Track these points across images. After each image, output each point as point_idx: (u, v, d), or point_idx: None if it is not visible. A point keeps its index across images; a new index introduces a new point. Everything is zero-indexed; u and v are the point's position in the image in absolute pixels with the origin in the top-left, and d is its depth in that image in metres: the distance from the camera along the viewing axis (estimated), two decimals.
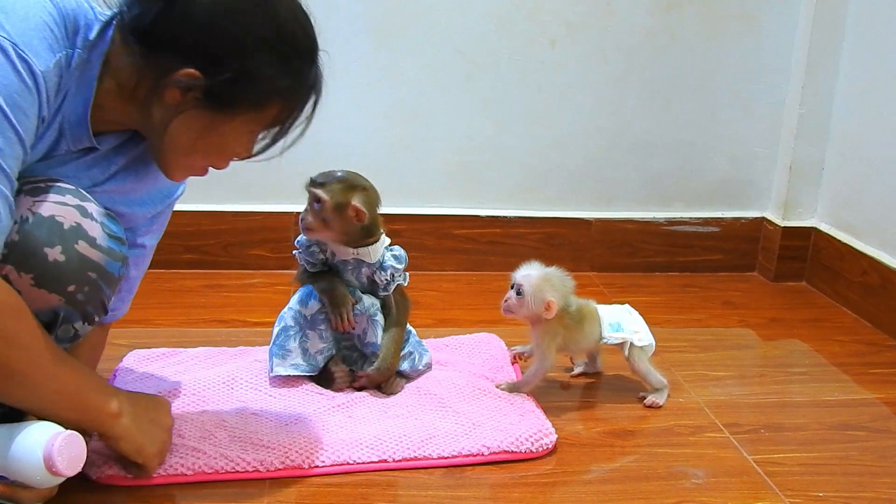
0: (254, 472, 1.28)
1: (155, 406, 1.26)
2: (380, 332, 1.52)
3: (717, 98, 2.26)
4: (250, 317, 1.90)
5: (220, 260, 2.16)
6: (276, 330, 1.54)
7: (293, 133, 1.18)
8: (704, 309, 2.12)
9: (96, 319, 1.19)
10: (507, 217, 2.26)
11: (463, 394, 1.52)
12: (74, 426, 1.09)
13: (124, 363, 1.58)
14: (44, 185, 1.10)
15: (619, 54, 2.19)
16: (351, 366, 1.55)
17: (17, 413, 1.10)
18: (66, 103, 1.10)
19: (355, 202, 1.44)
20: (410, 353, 1.57)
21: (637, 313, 1.60)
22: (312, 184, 1.45)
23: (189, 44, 1.06)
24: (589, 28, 2.17)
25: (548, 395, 1.58)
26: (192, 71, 1.07)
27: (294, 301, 1.52)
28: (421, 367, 1.59)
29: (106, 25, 1.10)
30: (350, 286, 1.52)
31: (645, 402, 1.57)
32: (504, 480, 1.33)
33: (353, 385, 1.52)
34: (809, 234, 2.28)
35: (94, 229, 1.12)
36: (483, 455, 1.35)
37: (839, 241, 2.18)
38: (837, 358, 1.86)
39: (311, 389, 1.51)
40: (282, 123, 1.16)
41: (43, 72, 1.02)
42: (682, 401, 1.62)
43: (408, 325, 1.59)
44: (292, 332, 1.51)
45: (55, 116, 1.10)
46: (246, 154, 1.19)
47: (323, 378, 1.54)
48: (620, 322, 1.56)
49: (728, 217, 2.34)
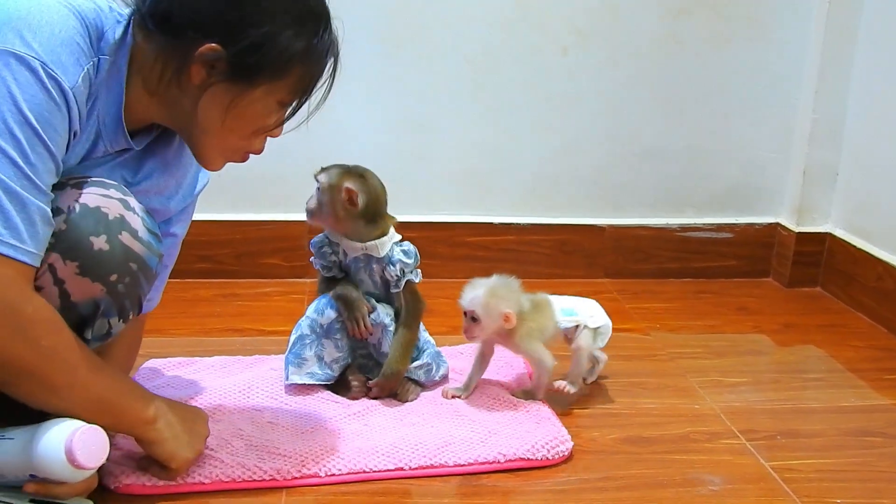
0: (270, 480, 1.28)
1: (193, 417, 1.28)
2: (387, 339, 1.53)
3: (729, 104, 2.26)
4: (265, 325, 1.91)
5: (233, 269, 2.17)
6: (292, 338, 1.55)
7: (316, 99, 1.21)
8: (719, 315, 2.12)
9: (130, 316, 1.21)
10: (519, 224, 2.26)
11: (478, 401, 1.52)
12: (111, 430, 1.12)
13: (140, 373, 1.58)
14: (87, 179, 1.13)
15: (630, 61, 2.19)
16: (367, 374, 1.55)
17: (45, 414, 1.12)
18: (100, 107, 1.13)
19: (347, 184, 1.46)
20: (428, 364, 1.57)
21: (598, 304, 1.62)
22: (318, 170, 1.49)
23: (207, 20, 1.10)
24: (599, 35, 2.17)
25: (563, 402, 1.58)
26: (213, 45, 1.10)
27: (310, 309, 1.53)
28: (437, 378, 1.60)
29: (127, 25, 1.13)
30: (364, 288, 1.52)
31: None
32: (520, 488, 1.33)
33: (368, 395, 1.53)
34: (824, 240, 2.27)
35: (136, 222, 1.16)
36: (499, 462, 1.35)
37: (854, 246, 2.18)
38: (853, 363, 1.85)
39: (327, 398, 1.51)
40: (304, 89, 1.18)
41: (72, 88, 1.04)
42: (697, 407, 1.61)
43: (426, 335, 1.58)
44: (308, 341, 1.51)
45: (89, 121, 1.13)
46: (276, 125, 1.21)
47: (339, 387, 1.54)
48: (574, 308, 1.57)
49: (742, 223, 2.34)
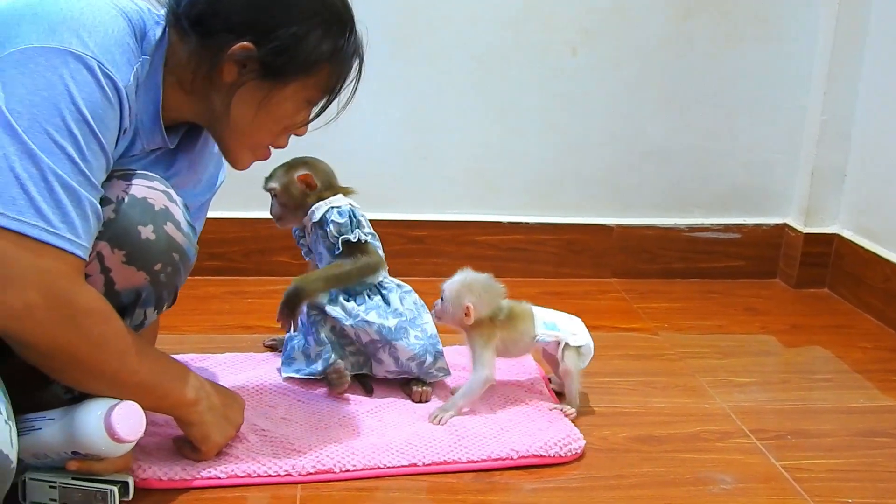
0: (286, 475, 1.29)
1: (231, 402, 1.32)
2: (372, 331, 1.50)
3: (737, 104, 2.26)
4: (274, 323, 1.90)
5: (242, 267, 2.18)
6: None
7: (344, 98, 1.26)
8: (726, 315, 2.13)
9: (164, 307, 1.25)
10: (527, 223, 2.26)
11: (491, 400, 1.53)
12: (153, 411, 1.17)
13: None
14: (132, 171, 1.17)
15: (638, 61, 2.20)
16: (359, 370, 1.55)
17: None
18: (139, 106, 1.15)
19: (298, 174, 1.53)
20: (420, 356, 1.53)
21: (581, 323, 1.57)
22: (264, 183, 1.57)
23: (239, 20, 1.14)
24: (607, 35, 2.18)
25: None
26: (245, 43, 1.14)
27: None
28: (433, 371, 1.55)
29: (165, 25, 1.16)
30: (325, 262, 1.55)
31: (562, 407, 1.52)
32: (532, 485, 1.34)
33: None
34: (832, 241, 2.28)
35: (179, 214, 1.19)
36: (512, 459, 1.36)
37: (862, 247, 2.18)
38: (860, 365, 1.86)
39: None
40: (331, 89, 1.23)
41: (125, 86, 1.08)
42: (707, 407, 1.62)
43: (424, 327, 1.55)
44: (294, 340, 1.57)
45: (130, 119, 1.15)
46: (303, 123, 1.26)
47: (326, 381, 1.54)
48: (556, 322, 1.54)
49: (749, 223, 2.34)
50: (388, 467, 1.32)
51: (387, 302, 1.54)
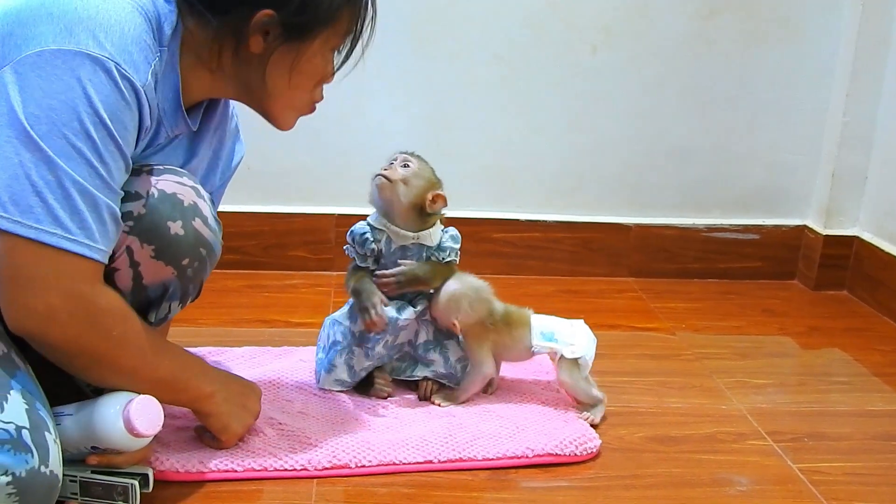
0: (302, 470, 1.30)
1: (248, 392, 1.34)
2: (431, 330, 1.53)
3: (758, 105, 2.25)
4: (292, 317, 1.93)
5: (260, 260, 2.19)
6: (322, 336, 1.56)
7: (366, 34, 1.24)
8: (744, 316, 2.12)
9: (188, 301, 1.27)
10: (545, 221, 2.26)
11: (507, 398, 1.54)
12: (172, 405, 1.18)
13: None
14: (161, 167, 1.18)
15: (658, 60, 2.19)
16: (398, 375, 1.55)
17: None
18: (159, 97, 1.15)
19: (441, 192, 1.50)
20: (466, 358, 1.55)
21: (585, 328, 1.54)
22: (402, 152, 1.52)
23: None
24: (627, 34, 2.17)
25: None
26: (266, 11, 1.12)
27: (343, 316, 1.52)
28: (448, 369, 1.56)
29: (178, 13, 1.15)
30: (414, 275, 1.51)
31: (582, 417, 1.49)
32: (547, 483, 1.34)
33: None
34: (851, 243, 2.27)
35: (206, 209, 1.20)
36: (527, 458, 1.36)
37: (882, 250, 2.17)
38: (879, 368, 1.85)
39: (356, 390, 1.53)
40: (353, 29, 1.21)
41: (143, 85, 1.07)
42: (724, 408, 1.62)
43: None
44: (339, 348, 1.51)
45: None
46: (333, 71, 1.25)
47: (365, 384, 1.53)
48: (555, 332, 1.50)
49: (768, 224, 2.33)
50: (404, 463, 1.33)
51: None
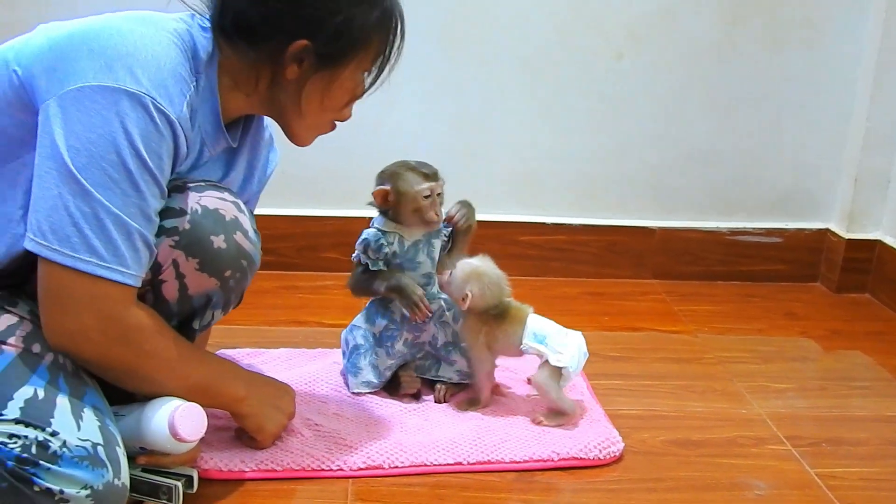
0: (337, 470, 1.36)
1: (282, 393, 1.40)
2: (450, 331, 1.57)
3: (781, 109, 2.28)
4: (325, 318, 1.99)
5: (294, 262, 2.25)
6: (343, 343, 1.63)
7: (395, 56, 1.29)
8: (766, 319, 2.15)
9: (230, 308, 1.34)
10: (570, 224, 2.31)
11: (532, 402, 1.58)
12: (208, 407, 1.24)
13: None
14: (204, 183, 1.24)
15: (684, 65, 2.23)
16: (423, 374, 1.61)
17: None
18: (201, 120, 1.22)
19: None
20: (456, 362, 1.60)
21: (580, 341, 1.53)
22: (432, 178, 1.54)
23: (289, 21, 1.18)
24: (653, 39, 2.20)
25: (614, 403, 1.64)
26: (301, 42, 1.18)
27: (361, 320, 1.58)
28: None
29: (213, 38, 1.21)
30: (422, 270, 1.55)
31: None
32: (572, 485, 1.39)
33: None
34: (874, 247, 2.29)
35: (247, 223, 1.26)
36: (553, 461, 1.42)
37: None
38: None
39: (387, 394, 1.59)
40: (384, 51, 1.27)
41: (178, 117, 1.13)
42: (744, 412, 1.66)
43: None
44: (362, 350, 1.57)
45: (193, 135, 1.21)
46: (363, 91, 1.31)
47: (391, 384, 1.59)
48: (547, 336, 1.50)
49: (791, 228, 2.36)
50: (435, 465, 1.39)
51: None
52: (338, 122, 1.34)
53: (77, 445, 1.08)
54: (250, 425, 1.35)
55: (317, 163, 2.19)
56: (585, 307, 2.16)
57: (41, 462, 1.05)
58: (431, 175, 1.54)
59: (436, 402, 1.58)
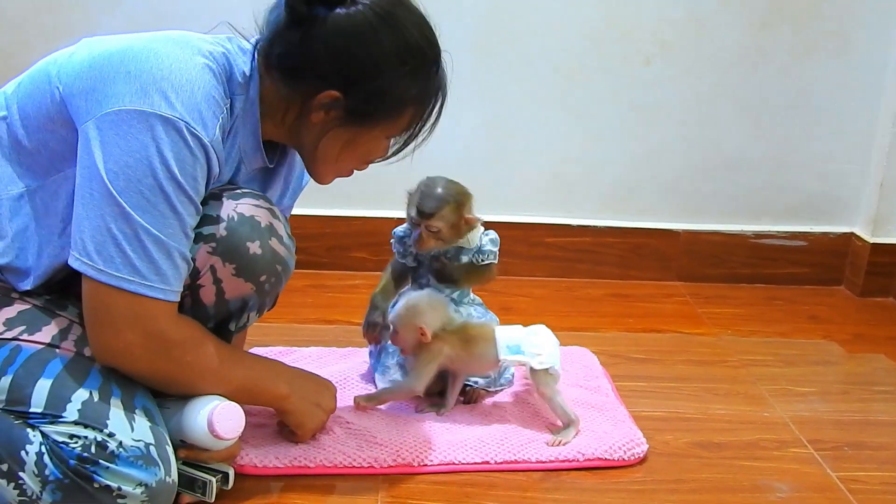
0: (368, 467, 1.40)
1: (322, 390, 1.44)
2: None
3: (808, 115, 2.29)
4: (354, 318, 2.00)
5: (323, 261, 2.30)
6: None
7: (424, 134, 1.32)
8: (790, 322, 2.17)
9: (265, 311, 1.38)
10: (596, 227, 2.34)
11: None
12: (252, 405, 1.29)
13: None
14: (239, 191, 1.27)
15: (712, 71, 2.24)
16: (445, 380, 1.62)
17: None
18: (240, 140, 1.26)
19: (467, 215, 1.56)
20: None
21: (549, 334, 1.53)
22: (421, 215, 1.53)
23: (328, 69, 1.20)
24: (682, 46, 2.22)
25: (638, 405, 1.66)
26: (333, 93, 1.21)
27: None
28: (502, 382, 1.64)
29: (252, 60, 1.25)
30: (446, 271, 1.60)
31: (548, 442, 1.47)
32: (597, 486, 1.42)
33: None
34: None
35: (281, 229, 1.30)
36: (578, 461, 1.45)
37: None
38: None
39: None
40: (414, 126, 1.30)
41: (211, 140, 1.16)
42: (767, 415, 1.68)
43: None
44: (391, 350, 1.61)
45: (231, 153, 1.26)
46: (383, 156, 1.34)
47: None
48: (521, 344, 1.50)
49: (816, 231, 2.37)
50: (463, 463, 1.42)
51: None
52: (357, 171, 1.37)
53: (132, 445, 1.14)
54: (292, 421, 1.40)
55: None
56: (610, 309, 2.19)
57: (100, 461, 1.12)
58: (422, 213, 1.54)
59: (465, 403, 1.61)
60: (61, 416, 1.14)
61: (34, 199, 1.20)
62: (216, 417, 1.22)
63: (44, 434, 1.13)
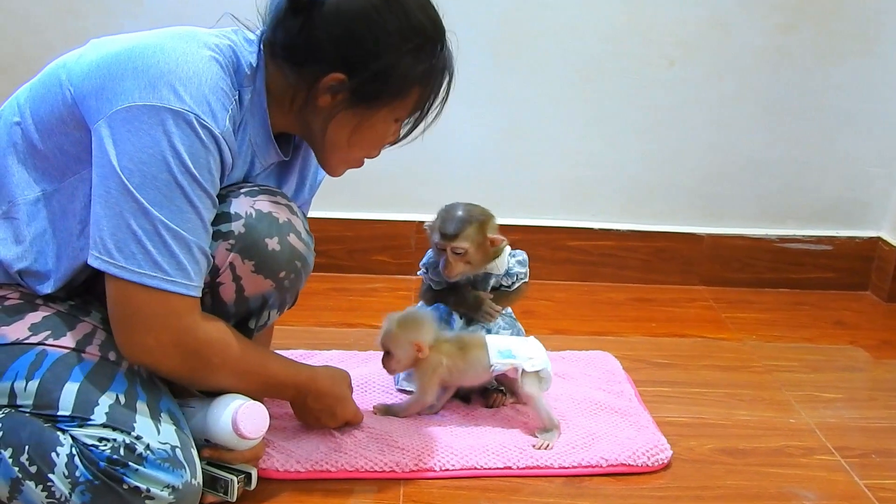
0: (390, 472, 1.39)
1: (336, 381, 1.44)
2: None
3: (833, 118, 2.27)
4: (375, 321, 1.99)
5: (345, 264, 2.29)
6: None
7: (433, 114, 1.31)
8: (815, 327, 2.14)
9: (286, 308, 1.38)
10: (618, 230, 2.32)
11: (581, 407, 1.60)
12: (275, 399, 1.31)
13: None
14: (257, 188, 1.28)
15: (735, 74, 2.22)
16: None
17: None
18: (251, 133, 1.26)
19: (491, 234, 1.54)
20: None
21: (539, 345, 1.54)
22: (445, 238, 1.53)
23: (331, 52, 1.20)
24: (705, 48, 2.20)
25: (661, 410, 1.65)
26: (338, 75, 1.21)
27: None
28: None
29: (258, 52, 1.25)
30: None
31: (534, 445, 1.46)
32: (620, 492, 1.41)
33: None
34: None
35: (299, 224, 1.30)
36: (601, 467, 1.44)
37: None
38: None
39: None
40: (422, 106, 1.29)
41: (221, 132, 1.16)
42: (793, 422, 1.66)
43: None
44: None
45: (242, 147, 1.26)
46: (394, 139, 1.33)
47: None
48: (511, 349, 1.51)
49: (842, 236, 2.35)
50: (485, 468, 1.41)
51: None
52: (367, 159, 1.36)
53: (159, 448, 1.15)
54: (309, 419, 1.44)
55: (367, 167, 2.22)
56: (632, 313, 2.18)
57: (129, 463, 1.13)
58: (445, 235, 1.54)
59: (487, 407, 1.60)
60: (89, 420, 1.15)
61: (51, 202, 1.20)
62: (240, 417, 1.22)
63: (73, 437, 1.14)
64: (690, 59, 2.21)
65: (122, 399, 1.17)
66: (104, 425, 1.14)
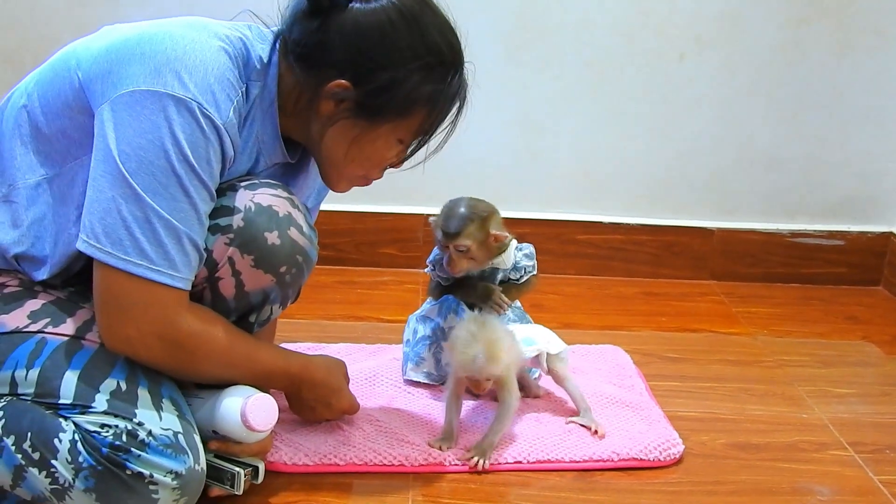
0: (399, 466, 1.38)
1: (331, 371, 1.42)
2: None
3: (847, 113, 2.25)
4: (383, 314, 2.01)
5: (352, 257, 2.28)
6: (408, 331, 1.65)
7: (438, 139, 1.29)
8: (827, 322, 2.13)
9: (288, 304, 1.36)
10: (628, 224, 2.30)
11: (591, 402, 1.57)
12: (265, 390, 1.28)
13: None
14: (258, 181, 1.25)
15: (748, 68, 2.20)
16: None
17: None
18: (258, 128, 1.24)
19: (494, 230, 1.52)
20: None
21: (549, 330, 1.55)
22: (447, 236, 1.51)
23: (341, 59, 1.19)
24: (717, 42, 2.19)
25: (673, 404, 1.63)
26: (343, 82, 1.19)
27: (435, 313, 1.61)
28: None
29: (272, 48, 1.23)
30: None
31: (571, 420, 1.50)
32: (632, 486, 1.40)
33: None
34: None
35: (301, 218, 1.27)
36: (613, 461, 1.42)
37: None
38: None
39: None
40: (426, 131, 1.27)
41: (224, 123, 1.14)
42: (805, 416, 1.65)
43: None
44: (429, 342, 1.60)
45: (248, 142, 1.24)
46: (396, 161, 1.31)
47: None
48: (530, 336, 1.51)
49: (854, 231, 2.33)
50: (496, 463, 1.40)
51: None
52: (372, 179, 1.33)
53: (161, 434, 1.13)
54: (304, 411, 1.42)
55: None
56: (642, 307, 2.16)
57: (132, 449, 1.11)
58: (447, 234, 1.51)
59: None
60: (91, 407, 1.13)
61: (51, 187, 1.19)
62: (249, 409, 1.21)
63: (75, 424, 1.13)
64: (703, 53, 2.19)
65: (123, 386, 1.16)
66: (106, 412, 1.13)
